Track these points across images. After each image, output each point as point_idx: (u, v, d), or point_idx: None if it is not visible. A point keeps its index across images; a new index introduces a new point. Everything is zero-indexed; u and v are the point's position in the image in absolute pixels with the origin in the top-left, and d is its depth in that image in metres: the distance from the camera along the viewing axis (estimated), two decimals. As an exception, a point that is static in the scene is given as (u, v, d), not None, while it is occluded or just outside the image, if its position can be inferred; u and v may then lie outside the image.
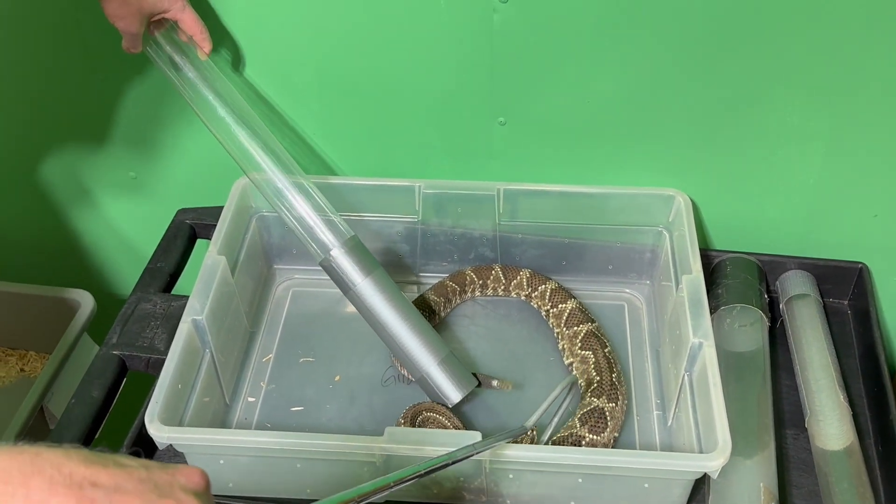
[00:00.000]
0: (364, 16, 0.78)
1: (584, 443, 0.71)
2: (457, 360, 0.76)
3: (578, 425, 0.72)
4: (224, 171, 0.92)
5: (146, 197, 0.97)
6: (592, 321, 0.82)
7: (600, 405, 0.73)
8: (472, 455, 0.61)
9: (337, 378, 0.81)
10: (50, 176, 0.98)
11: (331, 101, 0.85)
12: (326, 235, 0.74)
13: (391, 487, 0.54)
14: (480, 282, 0.87)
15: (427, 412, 0.74)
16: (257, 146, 0.75)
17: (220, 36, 0.82)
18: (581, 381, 0.77)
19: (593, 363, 0.77)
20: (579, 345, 0.79)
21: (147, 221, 0.98)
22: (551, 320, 0.84)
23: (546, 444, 0.71)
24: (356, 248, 0.75)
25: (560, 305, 0.83)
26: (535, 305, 0.86)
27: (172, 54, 0.76)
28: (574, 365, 0.79)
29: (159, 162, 0.94)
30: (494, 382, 0.78)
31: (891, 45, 0.72)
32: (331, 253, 0.74)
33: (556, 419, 0.71)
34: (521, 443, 0.69)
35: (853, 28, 0.72)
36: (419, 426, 0.73)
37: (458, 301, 0.88)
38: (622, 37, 0.76)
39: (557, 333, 0.83)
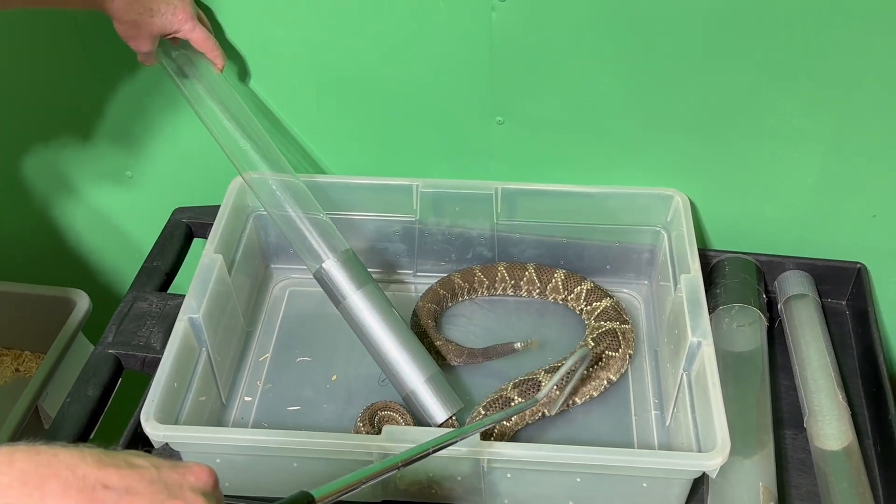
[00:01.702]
0: (361, 14, 0.78)
1: (603, 357, 0.76)
2: (443, 380, 0.75)
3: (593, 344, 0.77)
4: (221, 170, 0.91)
5: (142, 196, 0.96)
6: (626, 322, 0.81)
7: (612, 327, 0.78)
8: (482, 428, 0.60)
9: (334, 378, 0.80)
10: (46, 175, 0.97)
11: (328, 100, 0.85)
12: (321, 247, 0.74)
13: (399, 467, 0.53)
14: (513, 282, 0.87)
15: (382, 411, 0.74)
16: (259, 158, 0.76)
17: (218, 37, 0.82)
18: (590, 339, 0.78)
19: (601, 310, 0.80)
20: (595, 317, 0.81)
21: (143, 220, 0.98)
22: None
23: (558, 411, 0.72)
24: (350, 260, 0.75)
25: (595, 304, 0.83)
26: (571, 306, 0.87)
27: (184, 68, 0.77)
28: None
29: (156, 161, 0.93)
30: (517, 345, 0.77)
31: (891, 46, 0.72)
32: (324, 265, 0.74)
33: (567, 389, 0.71)
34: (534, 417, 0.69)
35: (853, 29, 0.72)
36: (377, 425, 0.73)
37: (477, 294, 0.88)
38: (621, 35, 0.76)
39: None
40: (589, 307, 0.84)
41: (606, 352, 0.77)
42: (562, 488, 0.67)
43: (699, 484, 0.69)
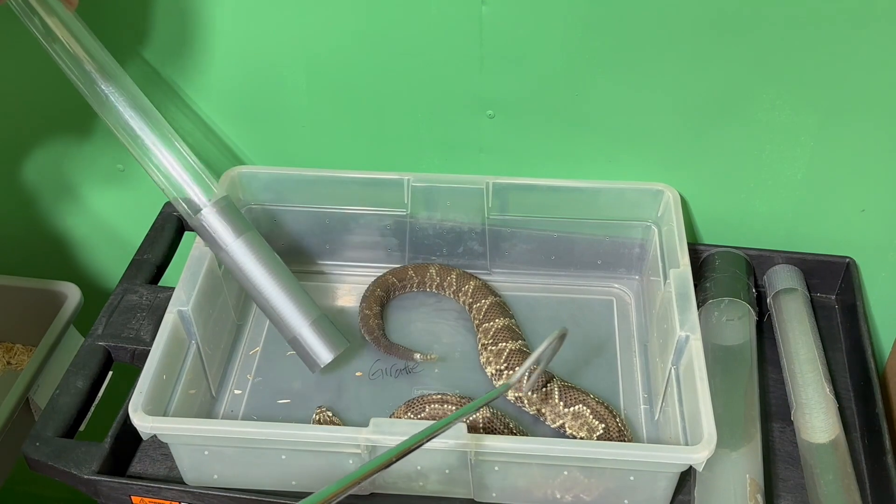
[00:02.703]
0: (352, 9, 0.78)
1: None
2: (329, 322, 0.75)
3: None
4: (213, 163, 0.92)
5: (134, 189, 0.96)
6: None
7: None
8: (456, 421, 0.59)
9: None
10: (37, 168, 0.97)
11: (319, 95, 0.85)
12: (198, 195, 0.73)
13: (392, 462, 0.53)
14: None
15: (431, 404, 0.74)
16: (125, 102, 0.71)
17: (210, 31, 0.82)
18: (582, 434, 0.74)
19: (590, 412, 0.73)
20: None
21: (134, 213, 0.98)
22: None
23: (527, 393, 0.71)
24: (228, 208, 0.73)
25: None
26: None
27: (37, 7, 0.70)
28: (567, 424, 0.75)
29: (147, 154, 0.93)
30: (417, 356, 0.78)
31: (878, 42, 0.73)
32: (202, 212, 0.72)
33: (536, 373, 0.69)
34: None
35: (841, 25, 0.72)
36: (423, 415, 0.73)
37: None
38: (612, 30, 0.76)
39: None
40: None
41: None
42: (549, 481, 0.67)
43: (686, 477, 0.70)
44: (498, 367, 0.78)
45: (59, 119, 0.93)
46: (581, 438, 0.73)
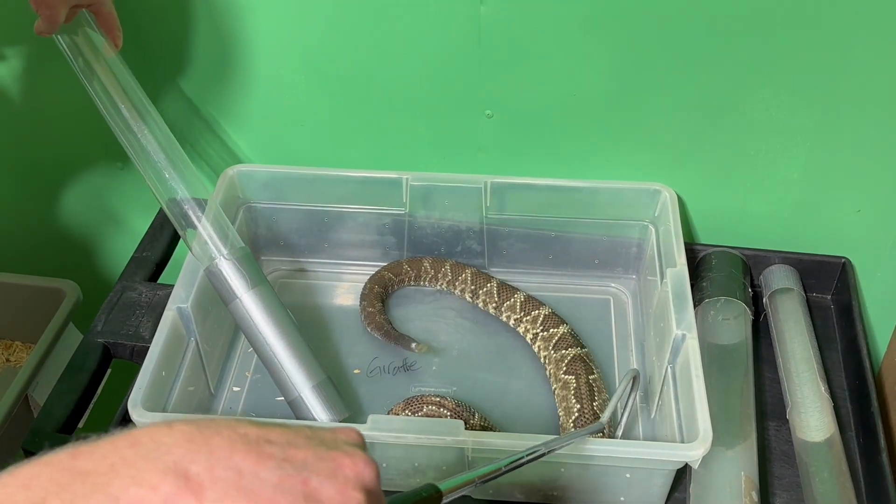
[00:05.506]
0: (351, 7, 0.78)
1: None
2: (333, 387, 0.74)
3: None
4: (211, 162, 0.92)
5: (133, 187, 0.97)
6: (582, 346, 0.79)
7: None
8: (548, 452, 0.60)
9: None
10: (37, 166, 0.98)
11: (318, 93, 0.86)
12: (216, 243, 0.72)
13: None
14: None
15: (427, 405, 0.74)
16: (158, 148, 0.72)
17: (209, 30, 0.82)
18: (560, 411, 0.75)
19: (574, 389, 0.75)
20: (564, 369, 0.77)
21: (134, 212, 0.98)
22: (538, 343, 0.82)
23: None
24: (245, 259, 0.73)
25: (552, 329, 0.81)
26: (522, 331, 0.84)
27: (82, 46, 0.72)
28: (556, 391, 0.77)
29: (147, 152, 0.94)
30: (413, 345, 0.79)
31: (874, 44, 0.73)
32: (218, 260, 0.72)
33: (625, 415, 0.71)
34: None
35: (838, 26, 0.73)
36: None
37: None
38: (609, 30, 0.76)
39: (545, 357, 0.81)
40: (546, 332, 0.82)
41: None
42: (545, 479, 0.68)
43: (682, 474, 0.70)
44: (535, 330, 0.82)
45: (57, 119, 0.93)
46: (559, 416, 0.74)
